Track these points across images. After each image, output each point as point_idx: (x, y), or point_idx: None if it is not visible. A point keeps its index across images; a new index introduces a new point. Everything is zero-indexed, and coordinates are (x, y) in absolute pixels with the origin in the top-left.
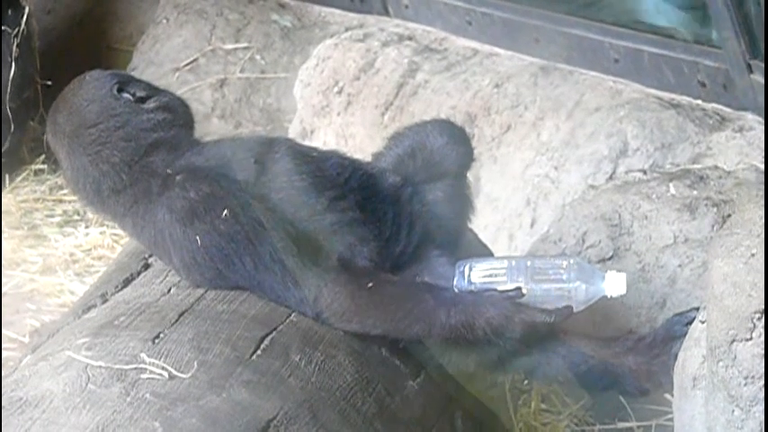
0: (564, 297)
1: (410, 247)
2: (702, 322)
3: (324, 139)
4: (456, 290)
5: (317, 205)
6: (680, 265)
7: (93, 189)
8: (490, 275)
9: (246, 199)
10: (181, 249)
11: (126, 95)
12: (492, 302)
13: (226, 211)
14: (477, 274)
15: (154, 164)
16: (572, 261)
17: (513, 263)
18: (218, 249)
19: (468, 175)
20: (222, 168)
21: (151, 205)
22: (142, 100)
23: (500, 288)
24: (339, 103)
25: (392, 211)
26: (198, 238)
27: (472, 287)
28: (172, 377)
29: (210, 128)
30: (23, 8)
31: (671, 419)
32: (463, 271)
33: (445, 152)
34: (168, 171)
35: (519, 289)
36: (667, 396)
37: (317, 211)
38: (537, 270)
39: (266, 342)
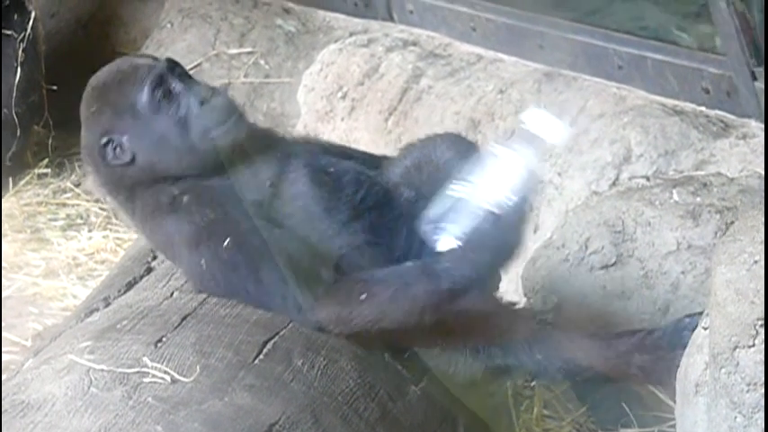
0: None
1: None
2: (705, 329)
3: None
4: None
5: (330, 229)
6: (683, 272)
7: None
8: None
9: (252, 224)
10: (189, 268)
11: (109, 152)
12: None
13: (227, 241)
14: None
15: (160, 186)
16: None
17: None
18: (221, 275)
19: None
20: (229, 189)
21: (162, 221)
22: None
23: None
24: (343, 108)
25: (406, 228)
26: (203, 261)
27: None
28: (174, 381)
29: None
30: (29, 12)
31: (673, 426)
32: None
33: (451, 167)
34: (175, 192)
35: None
36: (669, 402)
37: (329, 235)
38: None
39: (269, 346)
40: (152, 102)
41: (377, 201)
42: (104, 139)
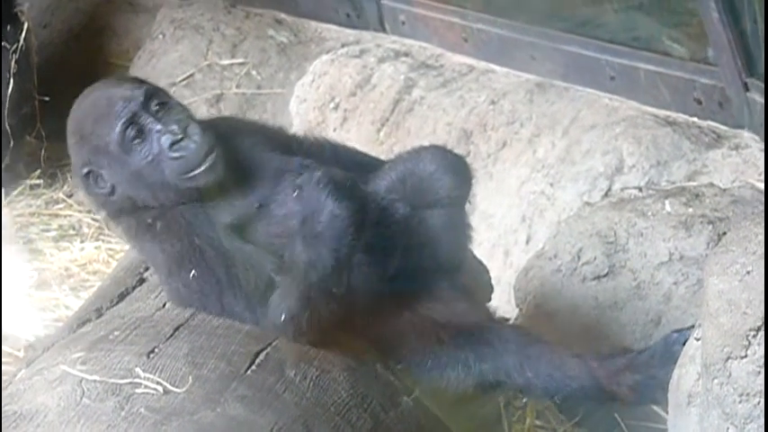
0: None
1: (413, 277)
2: (697, 339)
3: None
4: None
5: (322, 253)
6: (675, 283)
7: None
8: None
9: (222, 252)
10: (168, 287)
11: (91, 182)
12: None
13: (193, 272)
14: None
15: (139, 212)
16: None
17: None
18: (196, 299)
19: (466, 203)
20: (204, 215)
21: (143, 245)
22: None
23: None
24: (335, 119)
25: (401, 245)
26: (179, 286)
27: None
28: (166, 392)
29: None
30: (22, 24)
31: None
32: None
33: (433, 180)
34: (149, 219)
35: None
36: (662, 413)
37: (321, 257)
38: None
39: (261, 357)
40: (124, 143)
41: (372, 221)
42: (85, 170)
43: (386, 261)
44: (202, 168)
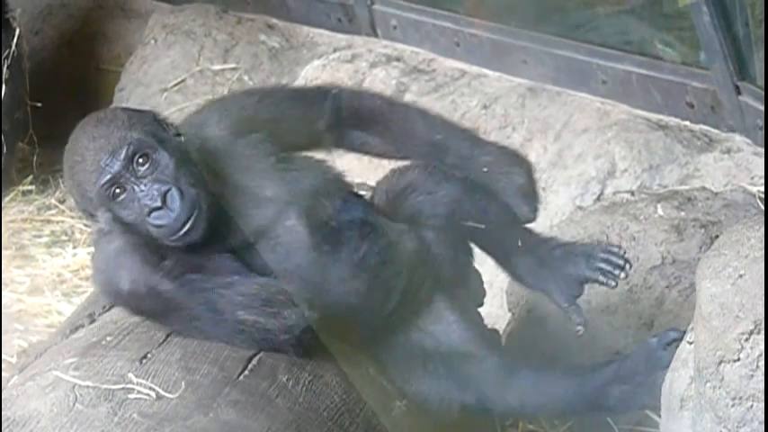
0: None
1: (415, 303)
2: (690, 343)
3: None
4: None
5: (321, 291)
6: (668, 286)
7: None
8: None
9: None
10: None
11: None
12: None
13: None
14: None
15: None
16: None
17: None
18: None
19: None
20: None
21: None
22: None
23: None
24: None
25: (406, 279)
26: None
27: None
28: (159, 397)
29: None
30: (14, 30)
31: None
32: None
33: (436, 192)
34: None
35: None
36: (655, 417)
37: (318, 297)
38: None
39: (254, 362)
40: (107, 201)
41: (377, 259)
42: (81, 207)
43: (387, 307)
44: (181, 234)
